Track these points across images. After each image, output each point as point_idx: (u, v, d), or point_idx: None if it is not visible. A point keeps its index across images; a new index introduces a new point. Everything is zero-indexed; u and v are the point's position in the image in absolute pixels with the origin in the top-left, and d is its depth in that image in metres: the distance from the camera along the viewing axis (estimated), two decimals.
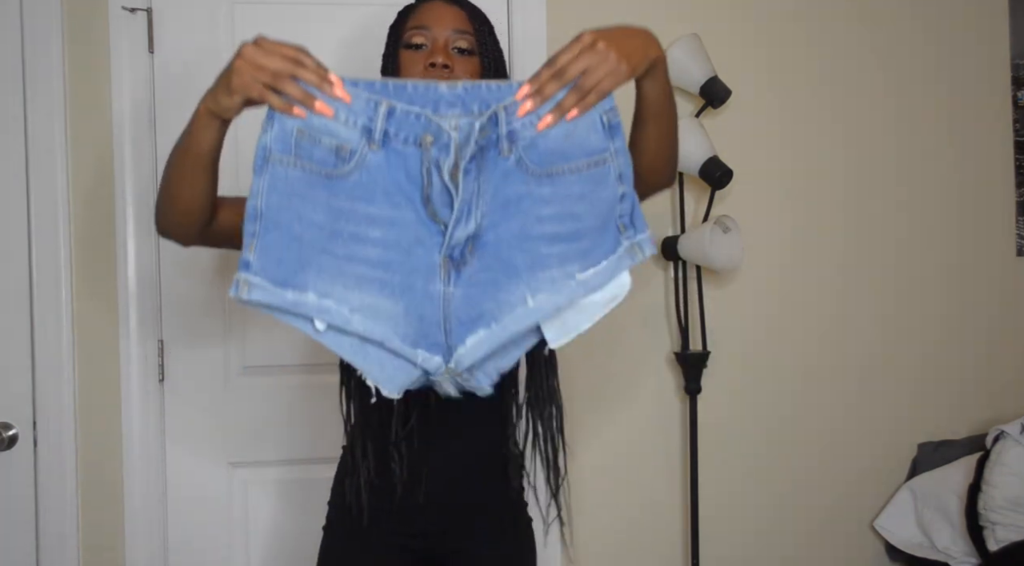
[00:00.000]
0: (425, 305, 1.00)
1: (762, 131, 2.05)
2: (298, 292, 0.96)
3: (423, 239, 1.00)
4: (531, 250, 1.01)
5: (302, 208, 0.96)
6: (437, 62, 1.17)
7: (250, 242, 0.95)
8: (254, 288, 0.94)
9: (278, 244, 0.95)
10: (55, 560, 1.73)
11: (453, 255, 1.00)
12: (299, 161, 0.95)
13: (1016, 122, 2.20)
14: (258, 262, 0.94)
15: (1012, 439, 1.89)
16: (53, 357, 1.73)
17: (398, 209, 0.99)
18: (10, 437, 1.70)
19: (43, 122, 1.73)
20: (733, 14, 2.03)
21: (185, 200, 1.05)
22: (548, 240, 1.01)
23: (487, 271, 1.01)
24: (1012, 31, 2.20)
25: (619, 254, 1.03)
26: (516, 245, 1.01)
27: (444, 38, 1.19)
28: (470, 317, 1.01)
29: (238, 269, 0.95)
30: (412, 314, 1.00)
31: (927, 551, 1.98)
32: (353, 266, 0.98)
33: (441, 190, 0.99)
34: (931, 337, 2.15)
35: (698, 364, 1.93)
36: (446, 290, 1.01)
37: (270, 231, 0.95)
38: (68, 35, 1.76)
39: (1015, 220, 2.21)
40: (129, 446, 1.78)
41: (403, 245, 0.99)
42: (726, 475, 2.03)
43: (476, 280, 1.01)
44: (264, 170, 0.95)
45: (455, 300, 1.01)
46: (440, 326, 1.01)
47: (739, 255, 1.85)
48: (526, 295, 1.01)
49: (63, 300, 1.74)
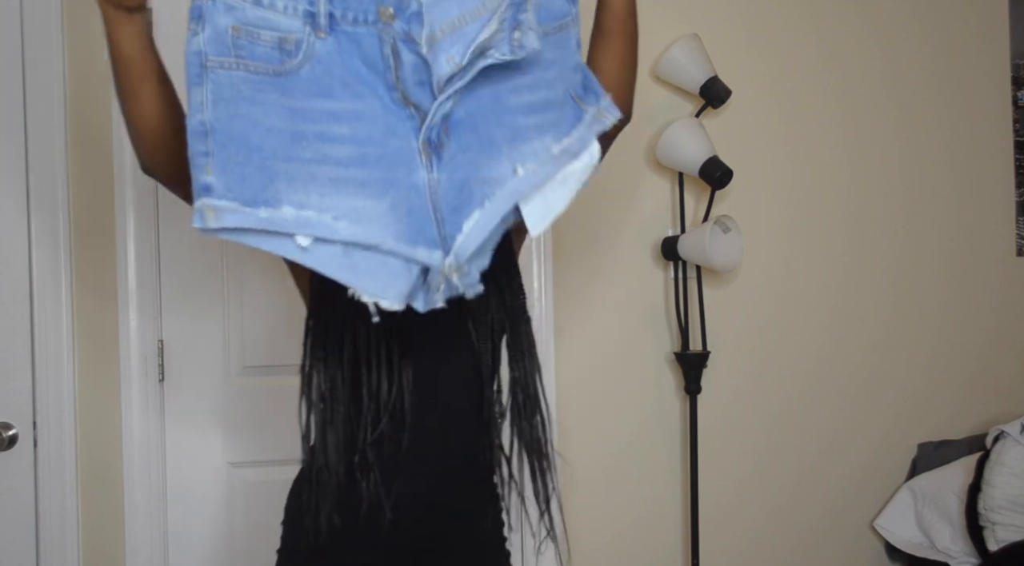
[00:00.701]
0: (412, 197, 0.91)
1: (762, 131, 2.05)
2: (272, 208, 0.86)
3: (394, 127, 0.91)
4: (509, 123, 0.94)
5: (255, 113, 0.86)
6: None
7: (204, 163, 0.84)
8: (222, 213, 0.84)
9: (238, 158, 0.85)
10: (55, 560, 1.73)
11: (431, 138, 0.91)
12: (240, 62, 0.85)
13: (1016, 122, 2.20)
14: (220, 182, 0.84)
15: (1012, 439, 1.89)
16: (53, 357, 1.73)
17: (361, 99, 0.90)
18: (10, 437, 1.70)
19: (43, 122, 1.72)
20: (733, 14, 2.03)
21: (137, 119, 0.95)
22: (524, 111, 0.94)
23: (467, 150, 0.93)
24: (1012, 31, 2.20)
25: (586, 122, 0.98)
26: (493, 119, 0.93)
27: None
28: (460, 201, 0.93)
29: (195, 196, 0.84)
30: (400, 209, 0.91)
31: (927, 551, 1.98)
32: (325, 169, 0.88)
33: (415, 67, 0.89)
34: (931, 337, 2.15)
35: (698, 364, 1.93)
36: (430, 177, 0.91)
37: (225, 146, 0.85)
38: (68, 35, 1.76)
39: (1015, 220, 2.21)
40: (129, 446, 1.78)
41: (375, 137, 0.90)
42: (726, 475, 2.03)
43: (458, 161, 0.93)
44: (203, 78, 0.85)
45: (441, 186, 0.92)
46: (431, 217, 0.92)
47: (739, 255, 1.85)
48: (515, 165, 0.94)
49: (63, 300, 1.74)
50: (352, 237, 0.89)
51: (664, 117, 1.97)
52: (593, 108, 0.99)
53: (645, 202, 1.98)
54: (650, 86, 1.98)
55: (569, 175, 0.97)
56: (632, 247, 1.98)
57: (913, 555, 2.00)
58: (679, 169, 1.91)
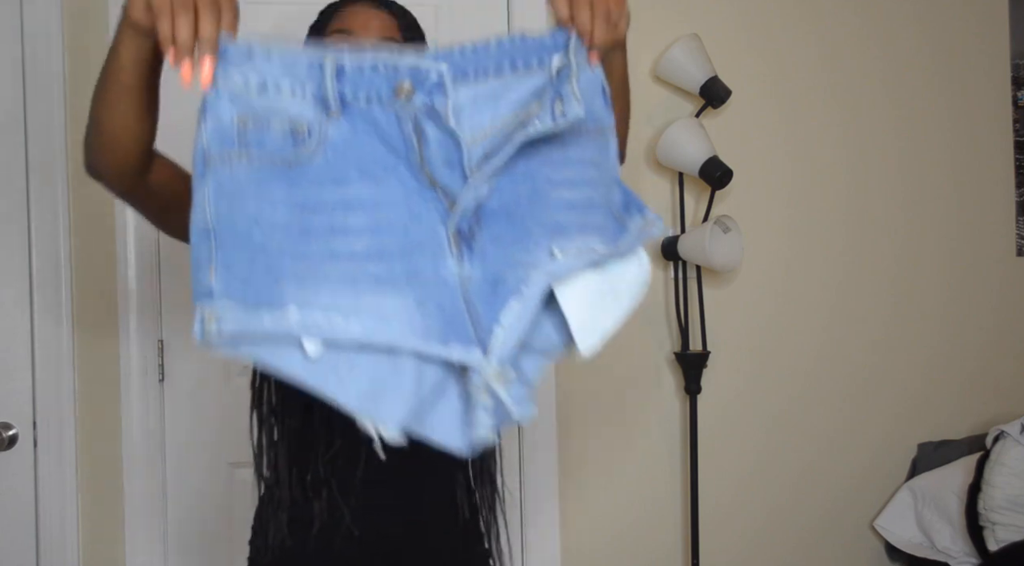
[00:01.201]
0: (441, 292, 0.83)
1: (762, 131, 2.05)
2: (276, 310, 0.78)
3: (418, 213, 0.82)
4: (546, 218, 0.86)
5: (261, 210, 0.79)
6: None
7: (207, 265, 0.79)
8: (224, 318, 0.78)
9: (240, 260, 0.79)
10: (55, 560, 1.73)
11: (462, 226, 0.83)
12: (246, 152, 0.79)
13: (1016, 122, 2.20)
14: (221, 286, 0.78)
15: (1012, 439, 1.88)
16: (53, 357, 1.73)
17: (381, 184, 0.82)
18: (10, 437, 1.70)
19: (43, 122, 1.73)
20: (733, 14, 2.03)
21: (109, 128, 0.89)
22: (564, 207, 0.87)
23: (499, 241, 0.85)
24: (1012, 31, 2.20)
25: (633, 233, 0.93)
26: (529, 212, 0.86)
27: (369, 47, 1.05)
28: (495, 293, 0.84)
29: (196, 300, 0.78)
30: (428, 304, 0.82)
31: (927, 551, 1.98)
32: (339, 265, 0.80)
33: (442, 144, 0.82)
34: (931, 337, 2.15)
35: (698, 364, 1.93)
36: (461, 270, 0.83)
37: (227, 247, 0.79)
38: (68, 35, 1.76)
39: (1015, 220, 2.21)
40: (129, 446, 1.78)
41: (396, 226, 0.82)
42: (726, 475, 2.03)
43: (489, 253, 0.85)
44: (206, 175, 0.78)
45: (474, 279, 0.84)
46: (464, 314, 0.83)
47: (739, 255, 1.85)
48: (552, 248, 0.86)
49: (63, 300, 1.74)
50: (367, 336, 0.79)
51: (664, 117, 1.97)
52: (638, 221, 0.94)
53: (645, 202, 1.98)
54: (650, 86, 1.98)
55: (619, 285, 0.91)
56: None
57: (913, 555, 2.00)
58: (679, 169, 1.91)
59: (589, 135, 0.89)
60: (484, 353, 0.82)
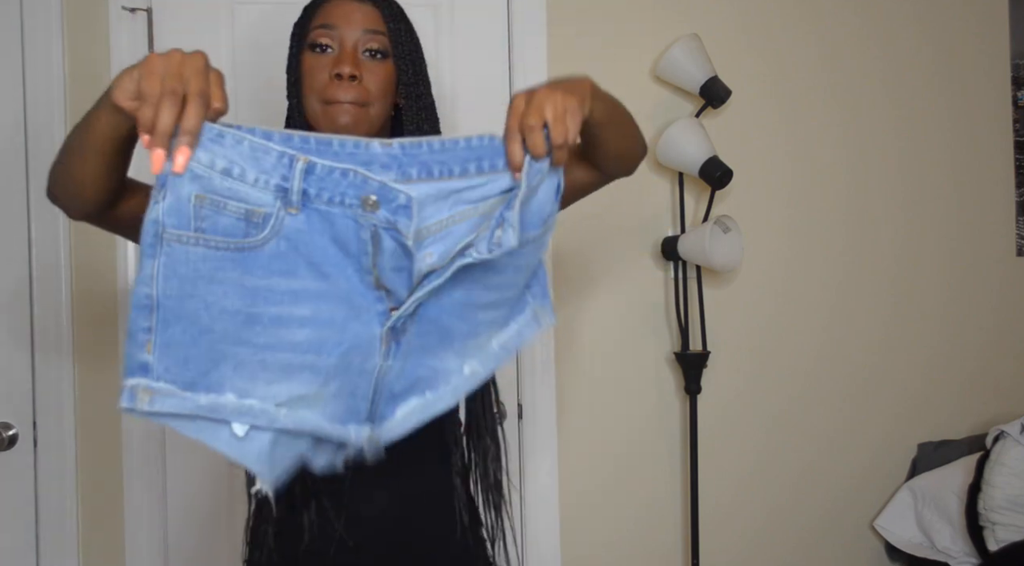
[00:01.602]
0: (358, 381, 0.88)
1: (762, 131, 2.05)
2: (214, 395, 0.80)
3: (360, 311, 0.86)
4: (470, 317, 0.92)
5: (209, 293, 0.79)
6: (343, 73, 1.04)
7: (145, 340, 0.78)
8: (158, 396, 0.78)
9: (183, 340, 0.79)
10: (55, 560, 1.73)
11: (395, 325, 0.88)
12: (201, 235, 0.78)
13: (1016, 122, 2.20)
14: (160, 364, 0.78)
15: (1012, 439, 1.89)
16: (53, 357, 1.73)
17: (327, 280, 0.84)
18: (10, 437, 1.70)
19: (43, 122, 1.73)
20: (733, 14, 2.03)
21: (78, 177, 0.87)
22: (486, 307, 0.92)
23: (422, 337, 0.90)
24: (1012, 31, 2.20)
25: (527, 318, 0.97)
26: (458, 313, 0.90)
27: (353, 40, 1.07)
28: (403, 388, 0.91)
29: (127, 373, 0.78)
30: (343, 392, 0.87)
31: (927, 551, 1.98)
32: (279, 355, 0.83)
33: (395, 253, 0.84)
34: (931, 337, 2.15)
35: (698, 364, 1.93)
36: (384, 364, 0.89)
37: (171, 325, 0.79)
38: (68, 35, 1.76)
39: (1015, 220, 2.21)
40: (129, 446, 1.78)
41: (337, 321, 0.85)
42: (726, 475, 2.03)
43: (413, 349, 0.90)
44: (157, 250, 0.77)
45: (391, 373, 0.90)
46: (368, 399, 0.90)
47: (739, 255, 1.85)
48: (462, 364, 0.92)
49: (63, 300, 1.74)
50: (292, 424, 0.84)
51: (664, 117, 1.97)
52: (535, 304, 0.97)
53: (645, 202, 1.98)
54: (650, 86, 1.98)
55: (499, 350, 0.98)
56: (632, 247, 1.98)
57: (913, 555, 2.00)
58: (679, 169, 1.91)
59: (531, 244, 0.89)
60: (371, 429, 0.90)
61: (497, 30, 1.90)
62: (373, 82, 1.07)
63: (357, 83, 1.05)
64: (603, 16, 1.97)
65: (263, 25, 1.82)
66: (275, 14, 1.83)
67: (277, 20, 1.83)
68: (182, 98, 0.75)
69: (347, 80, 1.05)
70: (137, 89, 0.76)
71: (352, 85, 1.05)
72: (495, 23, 1.89)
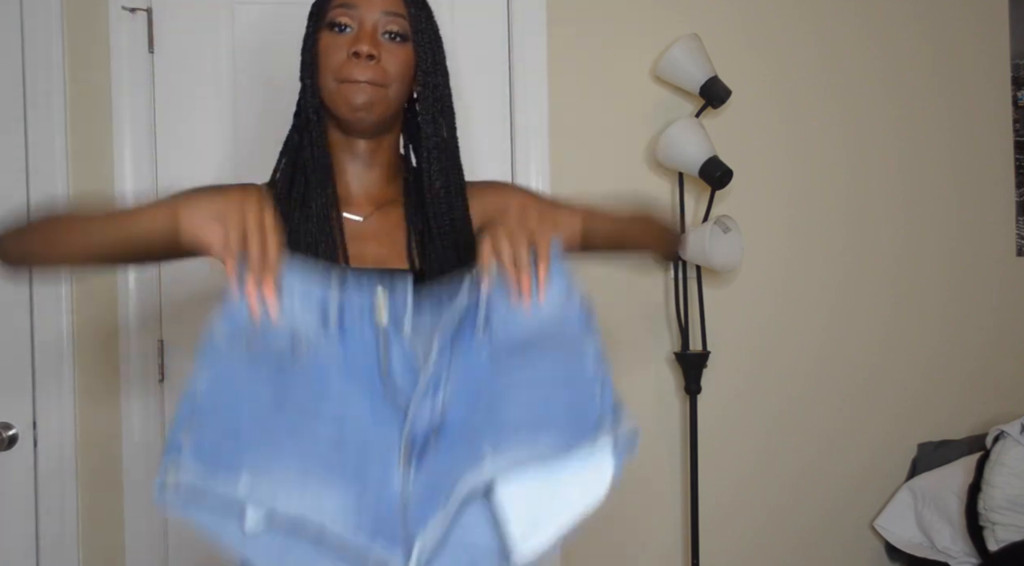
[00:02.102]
0: (382, 493, 0.87)
1: (762, 131, 2.05)
2: (231, 474, 0.83)
3: (382, 422, 0.89)
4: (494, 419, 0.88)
5: (248, 396, 0.86)
6: (361, 51, 1.03)
7: (184, 427, 0.84)
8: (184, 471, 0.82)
9: (215, 429, 0.85)
10: (55, 560, 1.73)
11: (417, 438, 0.89)
12: (251, 348, 0.86)
13: (1016, 122, 2.20)
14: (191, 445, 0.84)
15: (1012, 439, 1.88)
16: (53, 357, 1.73)
17: (356, 383, 0.90)
18: (10, 437, 1.70)
19: (43, 122, 1.73)
20: (733, 14, 2.03)
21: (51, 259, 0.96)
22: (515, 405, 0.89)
23: (449, 450, 0.89)
24: (1012, 31, 2.20)
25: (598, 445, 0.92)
26: (482, 419, 0.89)
27: (372, 21, 1.06)
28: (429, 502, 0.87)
29: (165, 454, 0.83)
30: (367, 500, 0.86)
31: (927, 551, 1.98)
32: (298, 442, 0.86)
33: (403, 362, 0.90)
34: (931, 337, 2.15)
35: (698, 364, 1.93)
36: (407, 478, 0.88)
37: (207, 418, 0.85)
38: (68, 35, 1.76)
39: (1015, 220, 2.21)
40: (129, 446, 1.78)
41: (360, 426, 0.88)
42: (726, 475, 2.03)
43: (436, 462, 0.89)
44: (209, 352, 0.86)
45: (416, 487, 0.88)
46: (398, 516, 0.87)
47: (739, 255, 1.85)
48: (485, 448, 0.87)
49: (63, 300, 1.74)
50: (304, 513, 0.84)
51: (664, 117, 1.97)
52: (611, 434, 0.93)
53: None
54: (650, 86, 1.98)
55: (571, 489, 0.92)
56: None
57: (913, 555, 2.00)
58: (679, 169, 1.91)
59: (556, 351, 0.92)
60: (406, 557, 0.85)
61: (497, 30, 1.90)
62: (392, 63, 1.06)
63: (375, 63, 1.04)
64: (603, 16, 1.97)
65: (263, 25, 1.82)
66: (275, 14, 1.83)
67: (277, 20, 1.83)
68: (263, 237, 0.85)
69: (365, 59, 1.04)
70: (218, 227, 0.85)
71: (370, 64, 1.04)
72: (495, 23, 1.89)
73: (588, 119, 1.96)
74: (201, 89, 1.81)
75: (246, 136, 1.81)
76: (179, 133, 1.80)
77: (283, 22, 1.83)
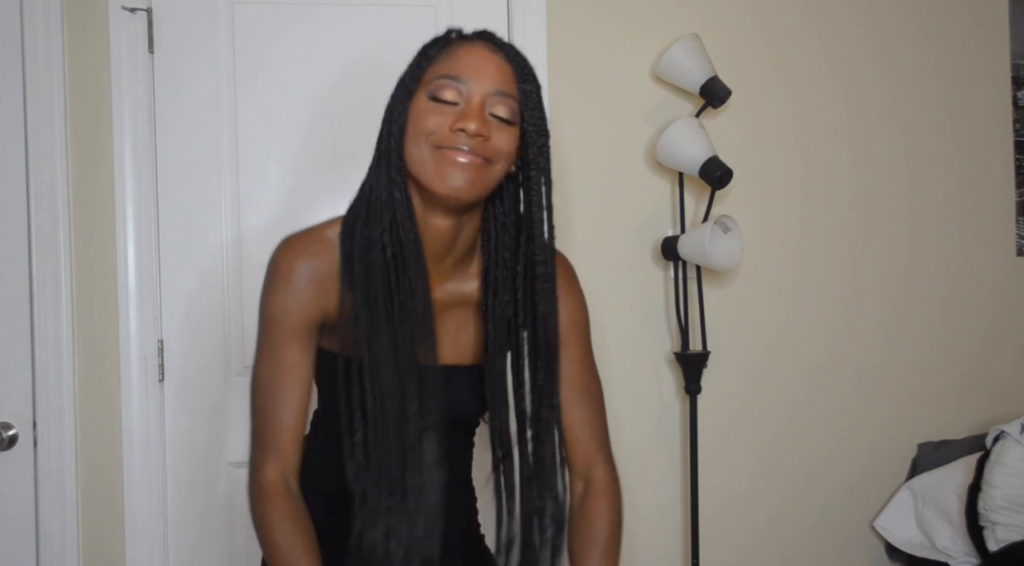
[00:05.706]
0: None
1: (762, 131, 2.05)
2: None
3: None
4: None
5: None
6: (469, 129, 0.95)
7: None
8: None
9: None
10: (55, 560, 1.73)
11: None
12: None
13: (1016, 122, 2.20)
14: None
15: (1012, 439, 1.88)
16: (53, 357, 1.73)
17: None
18: (10, 437, 1.70)
19: (43, 122, 1.73)
20: (733, 14, 2.03)
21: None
22: None
23: None
24: (1012, 31, 2.20)
25: None
26: None
27: (481, 97, 0.98)
28: None
29: None
30: None
31: (927, 551, 1.98)
32: None
33: None
34: (931, 337, 2.15)
35: (698, 364, 1.93)
36: None
37: None
38: (68, 35, 1.76)
39: (1015, 220, 2.21)
40: (129, 446, 1.78)
41: None
42: (726, 475, 2.03)
43: None
44: None
45: None
46: None
47: (739, 255, 1.85)
48: None
49: (63, 300, 1.74)
50: None
51: (664, 117, 1.97)
52: None
53: (645, 202, 1.98)
54: (650, 86, 1.98)
55: None
56: (632, 247, 1.98)
57: (913, 555, 2.00)
58: (679, 169, 1.91)
59: None
60: None
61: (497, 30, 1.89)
62: (501, 141, 0.98)
63: (482, 142, 0.97)
64: (603, 16, 1.97)
65: (263, 25, 1.82)
66: (275, 14, 1.83)
67: (277, 20, 1.83)
68: None
69: (474, 137, 0.96)
70: None
71: (478, 142, 0.96)
72: (495, 23, 1.89)
73: (588, 119, 1.96)
74: (201, 89, 1.81)
75: (246, 136, 1.81)
76: (179, 133, 1.80)
77: (283, 22, 1.83)
